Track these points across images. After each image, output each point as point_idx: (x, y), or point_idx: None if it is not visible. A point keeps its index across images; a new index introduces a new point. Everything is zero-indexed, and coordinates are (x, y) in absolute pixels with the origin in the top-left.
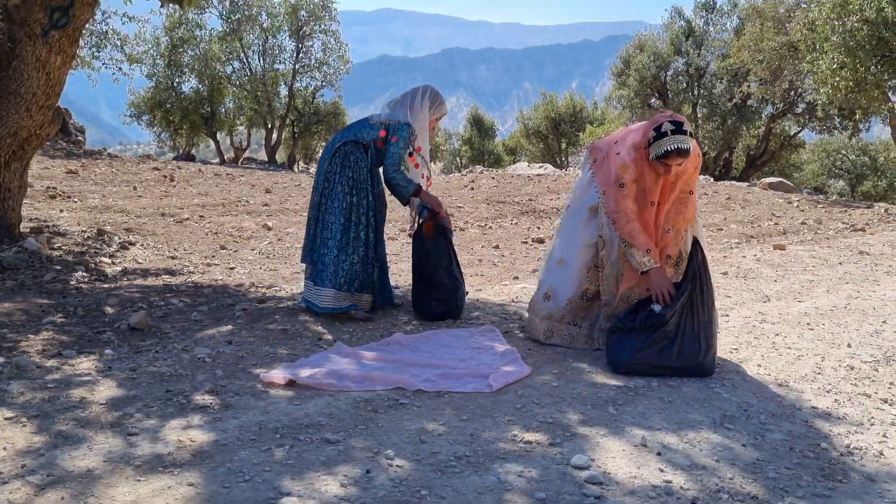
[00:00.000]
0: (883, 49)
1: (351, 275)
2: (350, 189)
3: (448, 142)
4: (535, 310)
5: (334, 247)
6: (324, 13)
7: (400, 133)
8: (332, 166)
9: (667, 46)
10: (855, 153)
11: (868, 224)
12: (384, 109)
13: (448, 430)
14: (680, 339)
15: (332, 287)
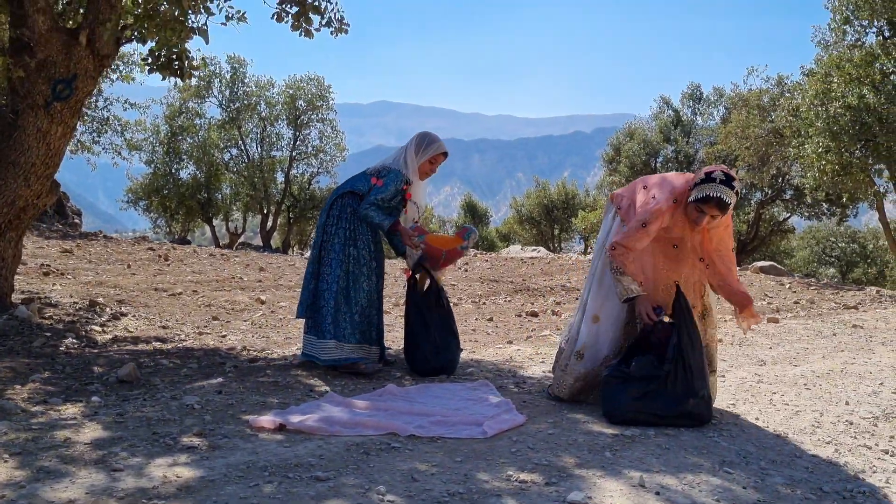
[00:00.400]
0: (866, 134)
1: (352, 326)
2: (347, 240)
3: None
4: (565, 368)
5: (332, 298)
6: (321, 102)
7: (387, 178)
8: (329, 219)
9: (655, 134)
10: (844, 240)
11: (860, 303)
12: (382, 159)
13: (441, 470)
14: (673, 385)
15: (334, 339)
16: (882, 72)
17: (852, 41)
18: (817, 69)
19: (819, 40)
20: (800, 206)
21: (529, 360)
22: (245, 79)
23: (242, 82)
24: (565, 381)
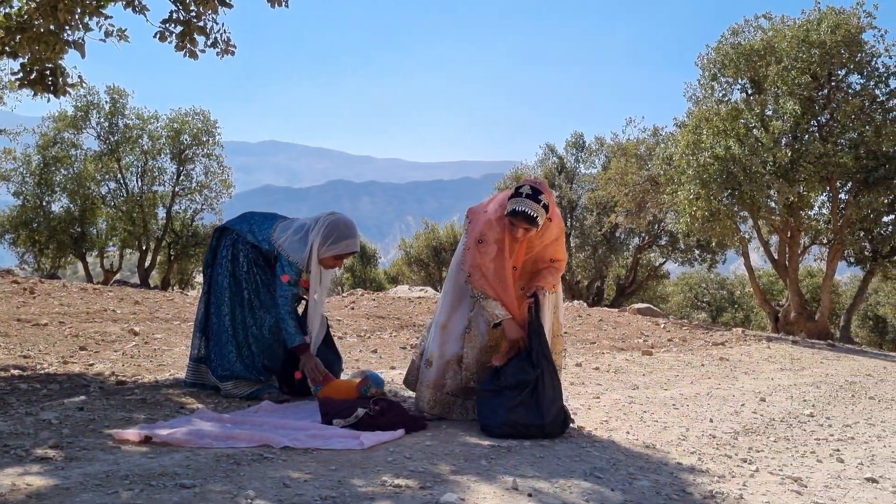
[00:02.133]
0: (732, 183)
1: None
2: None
3: (336, 288)
4: (420, 379)
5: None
6: (207, 137)
7: (289, 271)
8: (219, 257)
9: None
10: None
11: (727, 341)
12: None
13: (314, 477)
14: (544, 389)
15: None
16: (745, 126)
17: (719, 97)
18: (688, 121)
19: (690, 95)
20: (674, 252)
21: None
22: (125, 110)
23: (122, 114)
24: (422, 393)
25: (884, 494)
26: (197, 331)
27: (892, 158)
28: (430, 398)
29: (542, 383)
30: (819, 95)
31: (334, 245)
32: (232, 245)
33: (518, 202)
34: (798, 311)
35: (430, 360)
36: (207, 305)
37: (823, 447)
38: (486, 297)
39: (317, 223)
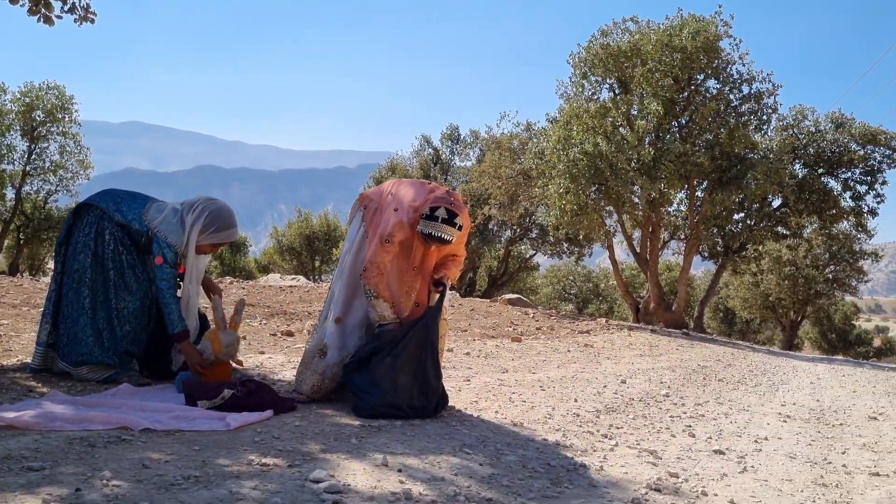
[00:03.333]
0: (599, 178)
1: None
2: (93, 260)
3: None
4: (309, 365)
5: (88, 322)
6: (62, 115)
7: (164, 253)
8: (78, 235)
9: (416, 171)
10: (581, 279)
11: (592, 330)
12: (166, 211)
13: (177, 458)
14: (421, 381)
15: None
16: (613, 124)
17: (589, 95)
18: (560, 117)
19: (562, 92)
20: (544, 245)
21: (281, 367)
22: None
23: None
24: (306, 377)
25: (729, 464)
26: (47, 314)
27: (743, 160)
28: (315, 384)
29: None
30: (680, 98)
31: (216, 233)
32: (97, 222)
33: (434, 227)
34: (657, 302)
35: (325, 351)
36: (60, 287)
37: (677, 423)
38: (378, 297)
39: (195, 208)
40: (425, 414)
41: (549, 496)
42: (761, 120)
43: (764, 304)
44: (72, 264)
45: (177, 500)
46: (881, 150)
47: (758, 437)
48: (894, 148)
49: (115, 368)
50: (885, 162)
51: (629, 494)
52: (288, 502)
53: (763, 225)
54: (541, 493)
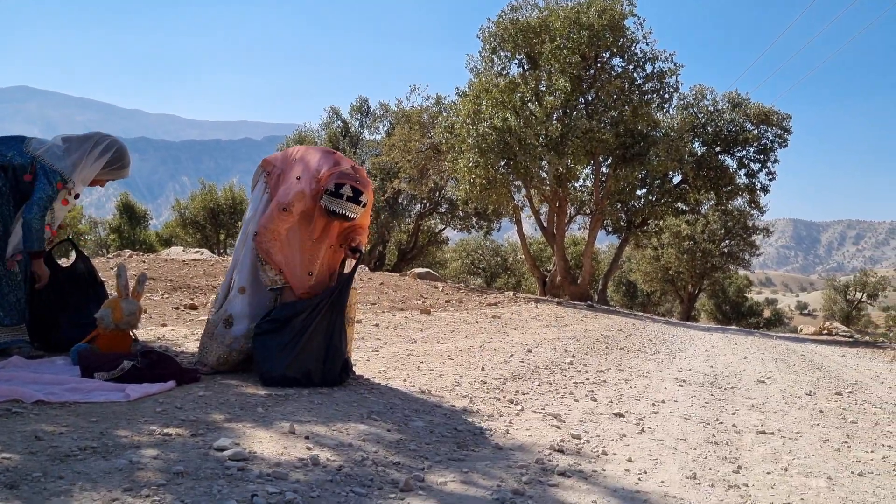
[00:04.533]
0: (508, 153)
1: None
2: None
3: (94, 230)
4: (215, 336)
5: None
6: None
7: (52, 181)
8: None
9: (325, 143)
10: (490, 254)
11: (500, 302)
12: (55, 142)
13: (72, 430)
14: (331, 345)
15: None
16: (522, 99)
17: (499, 70)
18: (469, 92)
19: (472, 67)
20: (453, 219)
21: (184, 339)
22: None
23: None
24: (211, 349)
25: (629, 426)
26: None
27: (646, 137)
28: (221, 355)
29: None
30: (587, 75)
31: (118, 170)
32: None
33: (338, 205)
34: (563, 275)
35: (231, 321)
36: None
37: (580, 389)
38: (266, 263)
39: (99, 142)
40: (332, 377)
41: (456, 459)
42: (663, 98)
43: (664, 278)
44: None
45: (73, 472)
46: (773, 130)
47: (655, 401)
48: (785, 128)
49: (13, 333)
50: (777, 141)
51: (534, 456)
52: (192, 470)
53: (664, 201)
54: (447, 457)
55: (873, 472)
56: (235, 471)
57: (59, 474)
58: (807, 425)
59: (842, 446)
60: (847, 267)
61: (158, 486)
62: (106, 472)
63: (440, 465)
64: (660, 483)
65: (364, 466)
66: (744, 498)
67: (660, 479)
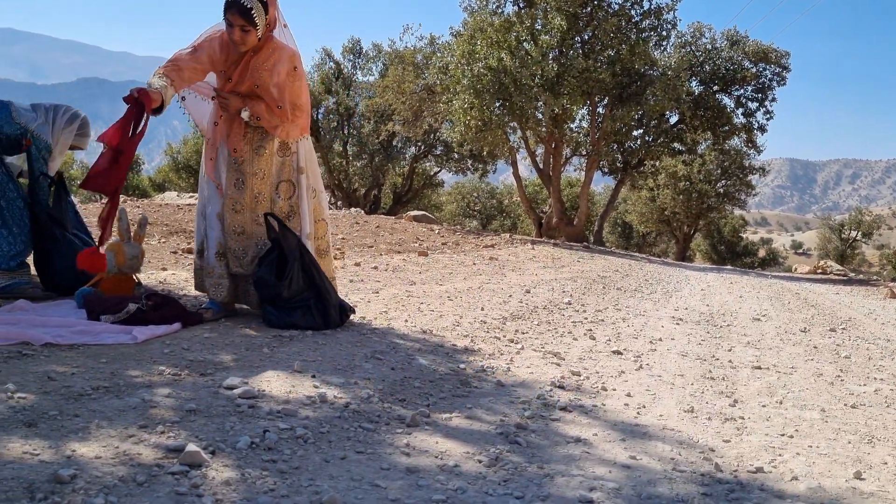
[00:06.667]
0: (504, 94)
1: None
2: None
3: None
4: (195, 271)
5: None
6: None
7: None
8: None
9: (317, 85)
10: (485, 196)
11: (497, 244)
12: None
13: (84, 370)
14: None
15: None
16: (517, 39)
17: (493, 8)
18: (464, 31)
19: (466, 6)
20: (448, 161)
21: (185, 283)
22: None
23: None
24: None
25: (627, 363)
26: None
27: (643, 76)
28: (211, 285)
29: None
30: (583, 13)
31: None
32: None
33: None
34: (559, 217)
35: (201, 249)
36: None
37: (579, 328)
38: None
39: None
40: (330, 319)
41: (460, 395)
42: (661, 36)
43: (660, 219)
44: None
45: (87, 410)
46: (771, 68)
47: (653, 339)
48: (784, 66)
49: (10, 275)
50: (775, 79)
51: (535, 392)
52: (203, 408)
53: (660, 141)
54: (451, 394)
55: (865, 405)
56: (246, 408)
57: (74, 412)
58: (801, 360)
59: (835, 380)
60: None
61: (173, 423)
62: (120, 410)
63: (444, 402)
64: (658, 416)
65: (370, 403)
66: (740, 430)
67: (658, 413)
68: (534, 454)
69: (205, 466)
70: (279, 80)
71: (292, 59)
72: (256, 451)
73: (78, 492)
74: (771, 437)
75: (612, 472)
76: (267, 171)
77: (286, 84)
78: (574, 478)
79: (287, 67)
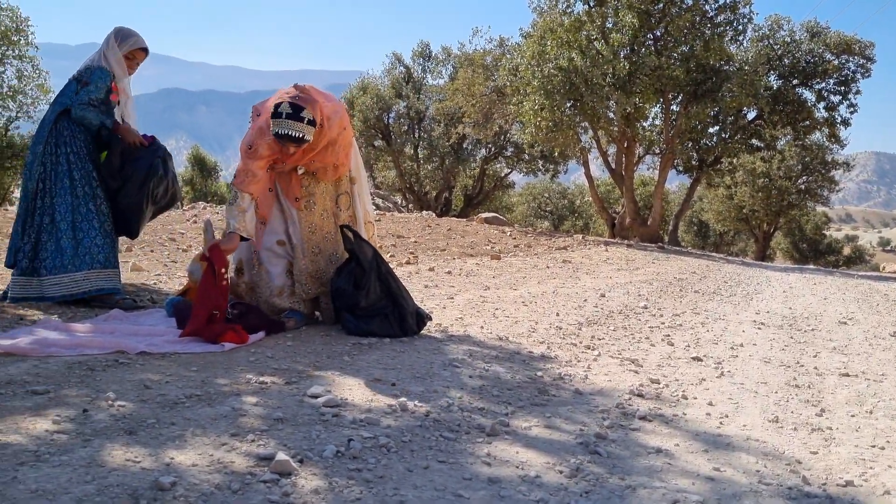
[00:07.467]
0: (574, 94)
1: (101, 251)
2: (72, 164)
3: None
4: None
5: (68, 228)
6: (18, 37)
7: (91, 77)
8: (47, 147)
9: (388, 90)
10: (556, 197)
11: (569, 246)
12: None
13: (176, 378)
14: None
15: (79, 270)
16: (588, 38)
17: (563, 8)
18: (534, 32)
19: (535, 6)
20: (519, 163)
21: None
22: None
23: None
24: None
25: (707, 370)
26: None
27: (718, 72)
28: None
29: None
30: (655, 9)
31: (125, 42)
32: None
33: (280, 125)
34: (632, 217)
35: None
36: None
37: (656, 333)
38: (231, 204)
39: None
40: (407, 327)
41: (538, 404)
42: (737, 30)
43: (737, 217)
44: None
45: (182, 418)
46: (855, 60)
47: (734, 344)
48: (868, 57)
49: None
50: (859, 71)
51: (614, 400)
52: (290, 416)
53: (737, 138)
54: (530, 402)
55: None
56: (330, 417)
57: (170, 420)
58: (892, 367)
59: None
60: None
61: (261, 432)
62: (212, 418)
63: (523, 411)
64: (742, 426)
65: (450, 412)
66: (828, 441)
67: (742, 423)
68: (615, 465)
69: (294, 475)
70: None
71: (340, 123)
72: (342, 460)
73: (178, 499)
74: (861, 448)
75: (695, 484)
76: (328, 189)
77: (339, 142)
78: (657, 490)
79: (337, 131)
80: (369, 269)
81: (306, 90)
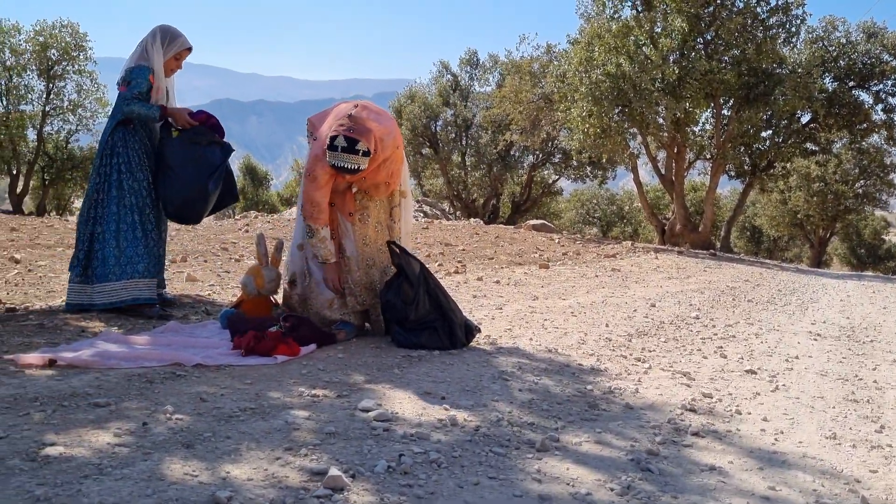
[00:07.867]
0: (623, 100)
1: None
2: (123, 173)
3: None
4: (285, 300)
5: (112, 238)
6: (77, 52)
7: (132, 76)
8: (103, 159)
9: (435, 98)
10: (605, 203)
11: (618, 253)
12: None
13: (231, 391)
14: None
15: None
16: (636, 43)
17: (610, 14)
18: (581, 38)
19: (582, 12)
20: (567, 169)
21: None
22: None
23: None
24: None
25: (762, 383)
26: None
27: (770, 75)
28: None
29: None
30: (705, 13)
31: (172, 45)
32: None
33: (336, 157)
34: (683, 223)
35: (293, 280)
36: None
37: (708, 345)
38: (313, 236)
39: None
40: (456, 339)
41: (588, 419)
42: (790, 32)
43: (792, 222)
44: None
45: (238, 432)
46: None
47: (789, 357)
48: None
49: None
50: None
51: (665, 415)
52: (341, 430)
53: (791, 141)
54: (580, 416)
55: None
56: (381, 431)
57: (226, 434)
58: None
59: None
60: None
61: (314, 446)
62: (266, 432)
63: (573, 426)
64: (798, 443)
65: (500, 427)
66: (888, 459)
67: (798, 440)
68: (667, 483)
69: (346, 490)
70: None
71: (392, 143)
72: (393, 476)
73: None
74: None
75: (750, 503)
76: (382, 202)
77: (391, 160)
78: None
79: (390, 151)
80: (417, 284)
81: (360, 120)
